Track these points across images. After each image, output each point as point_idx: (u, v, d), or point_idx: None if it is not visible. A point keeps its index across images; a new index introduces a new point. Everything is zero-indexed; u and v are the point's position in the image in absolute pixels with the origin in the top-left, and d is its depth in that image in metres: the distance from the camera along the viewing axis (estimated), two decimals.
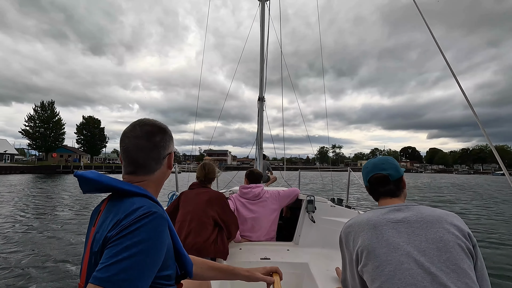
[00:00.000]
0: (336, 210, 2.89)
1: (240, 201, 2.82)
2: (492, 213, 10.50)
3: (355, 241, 1.06)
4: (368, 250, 0.99)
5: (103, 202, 0.85)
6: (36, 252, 5.19)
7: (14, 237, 6.20)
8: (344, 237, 1.14)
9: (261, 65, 5.25)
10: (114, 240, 0.66)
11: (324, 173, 27.41)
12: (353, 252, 1.05)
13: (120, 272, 0.62)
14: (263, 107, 5.15)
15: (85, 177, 0.78)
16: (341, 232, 1.17)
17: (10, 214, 8.94)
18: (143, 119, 0.90)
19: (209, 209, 2.20)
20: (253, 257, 2.31)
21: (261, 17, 5.45)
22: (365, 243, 1.00)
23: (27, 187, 18.87)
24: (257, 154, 5.22)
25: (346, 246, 1.13)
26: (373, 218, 1.06)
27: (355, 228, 1.09)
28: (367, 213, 1.12)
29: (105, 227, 0.72)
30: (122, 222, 0.69)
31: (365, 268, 0.99)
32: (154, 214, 0.71)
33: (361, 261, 1.01)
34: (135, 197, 0.77)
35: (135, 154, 0.83)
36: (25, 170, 40.58)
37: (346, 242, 1.13)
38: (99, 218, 0.79)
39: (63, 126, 58.72)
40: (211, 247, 2.06)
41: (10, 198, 12.94)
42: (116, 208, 0.75)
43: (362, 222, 1.07)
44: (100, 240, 0.71)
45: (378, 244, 0.98)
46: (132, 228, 0.67)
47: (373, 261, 0.97)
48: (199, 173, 2.45)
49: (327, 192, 13.14)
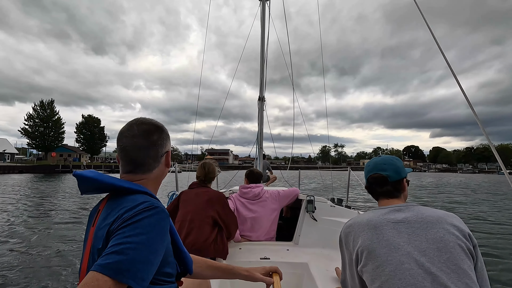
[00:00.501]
0: (336, 210, 2.91)
1: (240, 201, 2.85)
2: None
3: (355, 241, 1.06)
4: (368, 250, 0.99)
5: (101, 202, 0.85)
6: (34, 252, 5.21)
7: (13, 236, 6.23)
8: (344, 237, 1.14)
9: (261, 65, 5.29)
10: (117, 230, 0.67)
11: (326, 173, 27.27)
12: (353, 252, 1.06)
13: (121, 260, 0.61)
14: (263, 107, 5.19)
15: (84, 176, 0.78)
16: (341, 232, 1.17)
17: (7, 214, 8.93)
18: (140, 118, 0.91)
19: (209, 208, 2.22)
20: (253, 257, 2.33)
21: (261, 17, 5.47)
22: (366, 243, 1.01)
23: (25, 186, 18.89)
24: (257, 153, 5.26)
25: (346, 246, 1.14)
26: (373, 218, 1.06)
27: (355, 228, 1.09)
28: (367, 213, 1.12)
29: (107, 223, 0.72)
30: (124, 215, 0.69)
31: (365, 268, 0.99)
32: (156, 208, 0.72)
33: (361, 261, 1.02)
34: (137, 194, 0.78)
35: (133, 153, 0.85)
36: (24, 169, 40.52)
37: (346, 242, 1.13)
38: (98, 217, 0.79)
39: (62, 125, 58.83)
40: (211, 246, 2.08)
41: (8, 198, 12.93)
42: (118, 204, 0.76)
43: (362, 222, 1.08)
44: (102, 236, 0.71)
45: (379, 244, 0.98)
46: (134, 220, 0.68)
47: (373, 261, 0.97)
48: (199, 173, 2.47)
49: (327, 192, 13.12)
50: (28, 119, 54.56)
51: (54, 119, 56.90)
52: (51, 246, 5.60)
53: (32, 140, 54.48)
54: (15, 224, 7.52)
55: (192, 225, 2.11)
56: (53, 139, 56.78)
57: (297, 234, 2.78)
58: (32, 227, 7.23)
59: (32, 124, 54.68)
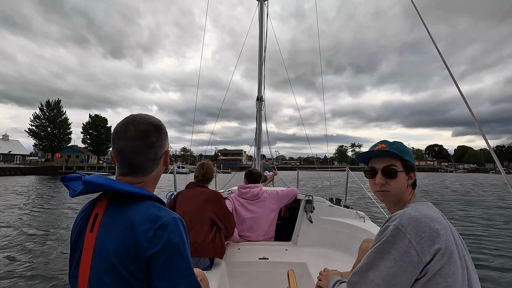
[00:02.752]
0: (335, 210, 2.99)
1: (238, 201, 2.94)
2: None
3: (434, 239, 0.92)
4: (448, 250, 0.92)
5: (95, 203, 0.85)
6: (32, 257, 5.38)
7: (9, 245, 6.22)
8: (414, 234, 0.93)
9: (259, 66, 5.49)
10: (160, 256, 0.75)
11: (336, 173, 26.62)
12: (426, 253, 0.91)
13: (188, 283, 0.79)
14: (262, 107, 5.38)
15: (81, 180, 0.78)
16: (401, 226, 0.94)
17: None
18: (136, 116, 0.89)
19: (206, 209, 2.31)
20: (252, 257, 2.45)
21: (259, 17, 5.69)
22: (447, 244, 0.93)
23: (26, 191, 18.76)
24: (255, 154, 5.46)
25: (412, 244, 0.92)
26: (439, 215, 1.00)
27: (428, 223, 0.95)
28: (430, 208, 1.04)
29: (126, 235, 0.76)
30: (157, 233, 0.76)
31: (439, 273, 0.90)
32: (179, 220, 0.81)
33: (434, 265, 0.91)
34: (147, 201, 0.82)
35: (131, 156, 0.84)
36: (27, 171, 40.55)
37: (413, 240, 0.92)
38: (98, 222, 0.79)
39: (69, 125, 59.66)
40: (209, 246, 2.18)
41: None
42: (129, 214, 0.78)
43: (439, 219, 0.97)
44: (120, 249, 0.75)
45: (453, 247, 0.94)
46: (173, 243, 0.77)
47: (451, 265, 0.91)
48: (197, 172, 2.58)
49: (326, 192, 13.28)
50: (34, 119, 55.57)
51: (61, 119, 57.84)
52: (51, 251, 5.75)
53: (38, 140, 55.49)
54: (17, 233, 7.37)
55: (189, 226, 2.19)
56: (60, 140, 57.75)
57: (295, 234, 2.88)
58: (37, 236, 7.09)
59: (39, 124, 55.69)
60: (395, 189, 1.11)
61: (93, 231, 0.78)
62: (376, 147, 1.19)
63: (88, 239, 0.78)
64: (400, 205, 1.13)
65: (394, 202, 1.14)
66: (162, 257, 0.75)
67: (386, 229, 0.97)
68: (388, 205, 1.17)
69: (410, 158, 1.15)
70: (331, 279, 1.26)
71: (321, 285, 1.33)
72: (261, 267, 2.40)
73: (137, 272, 0.75)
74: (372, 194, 1.28)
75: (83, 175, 0.81)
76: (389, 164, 1.12)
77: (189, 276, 0.78)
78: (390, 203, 1.16)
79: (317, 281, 1.38)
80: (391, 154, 1.12)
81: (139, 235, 0.75)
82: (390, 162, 1.12)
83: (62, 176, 0.85)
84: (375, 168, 1.15)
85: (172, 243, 0.76)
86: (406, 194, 1.13)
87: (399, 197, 1.12)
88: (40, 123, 55.70)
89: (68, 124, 59.36)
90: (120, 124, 0.87)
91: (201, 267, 2.13)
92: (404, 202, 1.12)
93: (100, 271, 0.75)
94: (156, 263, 0.75)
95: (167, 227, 0.77)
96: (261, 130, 5.37)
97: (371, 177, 1.17)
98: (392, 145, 1.16)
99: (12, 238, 6.76)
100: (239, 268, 2.41)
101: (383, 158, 1.14)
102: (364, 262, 1.00)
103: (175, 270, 0.76)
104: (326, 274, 1.35)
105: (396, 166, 1.12)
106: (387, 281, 0.92)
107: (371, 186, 1.20)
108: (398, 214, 0.98)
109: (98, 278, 0.75)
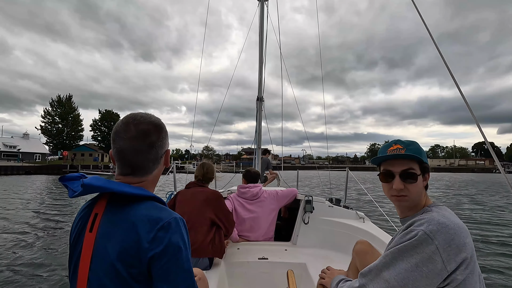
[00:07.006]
0: (334, 211, 3.11)
1: (238, 201, 3.05)
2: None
3: (461, 246, 0.94)
4: (472, 259, 0.95)
5: (94, 203, 0.87)
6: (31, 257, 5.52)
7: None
8: (443, 241, 0.93)
9: (260, 66, 5.68)
10: (162, 258, 0.77)
11: (341, 173, 25.79)
12: (451, 262, 0.92)
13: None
14: (262, 107, 5.56)
15: (81, 181, 0.80)
16: (430, 232, 0.95)
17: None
18: (136, 114, 0.91)
19: (206, 209, 2.41)
20: (251, 257, 2.56)
21: (260, 17, 5.87)
22: (472, 252, 0.96)
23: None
24: (255, 153, 5.65)
25: (439, 252, 0.92)
26: (461, 221, 1.01)
27: (457, 231, 0.96)
28: (452, 214, 1.04)
29: (126, 236, 0.78)
30: (158, 234, 0.78)
31: (463, 283, 0.93)
32: (180, 220, 0.85)
33: (459, 274, 0.92)
34: (148, 202, 0.85)
35: (132, 157, 0.86)
36: (32, 170, 40.61)
37: (441, 247, 0.92)
38: (98, 222, 0.82)
39: (81, 122, 59.75)
40: (209, 247, 2.28)
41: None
42: (129, 214, 0.81)
43: (464, 226, 0.99)
44: (120, 250, 0.77)
45: (475, 256, 0.97)
46: (174, 245, 0.79)
47: (474, 275, 0.94)
48: (198, 172, 2.68)
49: (325, 191, 13.46)
50: (45, 116, 55.84)
51: (72, 116, 58.00)
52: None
53: (49, 138, 56.06)
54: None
55: (189, 226, 2.42)
56: (71, 138, 58.24)
57: (295, 234, 3.01)
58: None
59: (50, 121, 56.24)
60: (414, 194, 1.08)
61: (93, 231, 0.81)
62: (390, 147, 1.14)
63: (87, 239, 0.81)
64: (415, 209, 1.10)
65: (410, 207, 1.11)
66: (164, 258, 0.77)
67: (410, 233, 0.96)
68: (403, 209, 1.14)
69: (426, 159, 1.12)
70: (336, 277, 1.28)
71: (324, 283, 1.36)
72: (261, 267, 2.50)
73: (138, 273, 0.77)
74: (372, 194, 1.34)
75: (83, 175, 0.85)
76: (408, 168, 1.08)
77: (190, 279, 0.81)
78: (405, 208, 1.12)
79: (319, 279, 1.41)
80: (410, 157, 1.09)
81: (140, 236, 0.77)
82: (408, 165, 1.08)
83: (61, 176, 0.87)
84: (391, 171, 1.10)
85: (173, 244, 0.79)
86: (422, 197, 1.10)
87: (416, 201, 1.10)
88: (52, 120, 56.13)
89: (79, 121, 59.40)
90: (120, 124, 0.89)
91: (200, 267, 2.20)
92: (420, 206, 1.10)
93: (100, 273, 0.78)
94: (157, 264, 0.77)
95: (169, 228, 0.80)
96: (261, 129, 5.55)
97: (386, 181, 1.12)
98: (409, 146, 1.11)
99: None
100: (239, 268, 2.51)
101: (401, 160, 1.10)
102: (382, 260, 1.00)
103: (176, 272, 0.78)
104: (331, 272, 1.39)
105: (415, 170, 1.08)
106: (404, 284, 0.92)
107: (385, 190, 1.15)
108: (426, 218, 0.97)
109: (98, 280, 0.78)
